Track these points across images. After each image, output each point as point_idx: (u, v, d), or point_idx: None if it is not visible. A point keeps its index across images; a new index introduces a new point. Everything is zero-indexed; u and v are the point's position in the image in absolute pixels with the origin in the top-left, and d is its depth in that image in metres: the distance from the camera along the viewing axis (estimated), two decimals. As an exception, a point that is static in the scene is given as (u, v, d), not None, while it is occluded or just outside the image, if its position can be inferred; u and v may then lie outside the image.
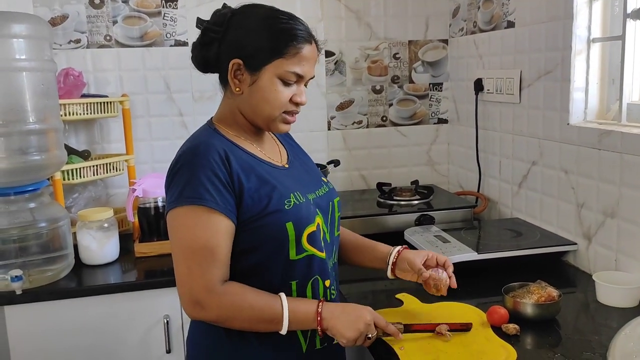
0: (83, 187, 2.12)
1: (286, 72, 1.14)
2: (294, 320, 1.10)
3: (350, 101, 2.40)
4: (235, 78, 1.16)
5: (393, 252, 1.34)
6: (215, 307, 1.08)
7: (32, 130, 1.66)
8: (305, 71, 1.16)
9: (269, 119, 1.18)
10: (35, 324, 1.67)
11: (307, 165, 1.34)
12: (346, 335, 1.11)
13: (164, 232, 1.94)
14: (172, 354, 1.76)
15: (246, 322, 1.11)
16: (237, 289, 1.11)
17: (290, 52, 1.14)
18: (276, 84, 1.15)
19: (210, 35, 1.18)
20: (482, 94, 2.14)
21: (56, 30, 2.09)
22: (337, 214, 1.30)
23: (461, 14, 2.31)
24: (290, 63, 1.14)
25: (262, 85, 1.15)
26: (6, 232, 1.67)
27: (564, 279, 1.59)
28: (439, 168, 2.52)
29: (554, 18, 1.71)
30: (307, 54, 1.16)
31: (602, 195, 1.55)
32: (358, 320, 1.12)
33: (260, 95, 1.16)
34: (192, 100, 2.24)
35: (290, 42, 1.14)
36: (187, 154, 1.12)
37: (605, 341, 1.18)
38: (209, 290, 1.07)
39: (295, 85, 1.17)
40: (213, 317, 1.10)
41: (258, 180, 1.15)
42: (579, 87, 1.66)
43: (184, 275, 1.09)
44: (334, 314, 1.12)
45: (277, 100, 1.16)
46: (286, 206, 1.14)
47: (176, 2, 2.18)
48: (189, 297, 1.08)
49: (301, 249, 1.16)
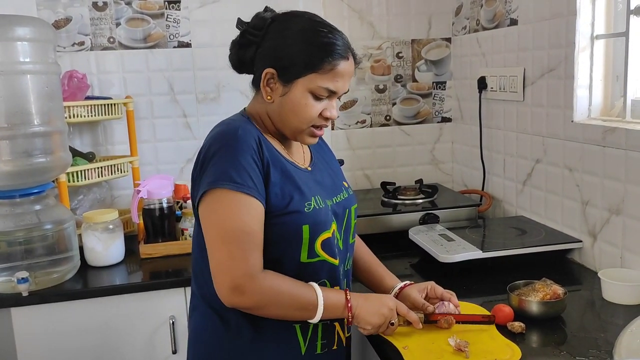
0: (88, 189, 2.13)
1: (319, 87, 1.13)
2: (327, 307, 1.12)
3: (354, 101, 2.40)
4: (268, 86, 1.16)
5: (396, 287, 1.32)
6: (257, 292, 1.07)
7: (37, 132, 1.66)
8: (338, 87, 1.15)
9: (297, 131, 1.18)
10: (41, 326, 1.67)
11: (330, 168, 1.33)
12: (371, 322, 1.14)
13: (169, 233, 1.95)
14: (178, 354, 1.76)
15: (282, 308, 1.11)
16: (275, 276, 1.10)
17: (325, 68, 1.12)
18: (307, 98, 1.14)
19: (248, 37, 1.18)
20: (485, 92, 2.14)
21: (60, 33, 2.10)
22: (353, 222, 1.30)
23: (464, 12, 2.30)
24: (323, 78, 1.13)
25: (293, 98, 1.14)
26: (12, 234, 1.68)
27: (569, 277, 1.59)
28: (443, 167, 2.52)
29: (557, 15, 1.71)
30: (342, 70, 1.15)
31: (607, 192, 1.55)
32: (382, 307, 1.16)
33: (290, 107, 1.15)
34: (195, 101, 2.24)
35: (325, 57, 1.12)
36: (226, 136, 1.11)
37: (611, 338, 1.17)
38: (252, 275, 1.06)
39: (327, 100, 1.16)
40: (252, 303, 1.08)
41: (283, 176, 1.15)
42: (582, 84, 1.65)
43: (225, 259, 1.06)
44: (359, 303, 1.15)
45: (307, 114, 1.15)
46: (306, 209, 1.14)
47: (179, 3, 2.18)
48: (230, 282, 1.06)
49: (313, 254, 1.16)
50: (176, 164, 2.25)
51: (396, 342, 1.20)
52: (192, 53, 2.21)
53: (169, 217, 1.95)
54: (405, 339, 1.21)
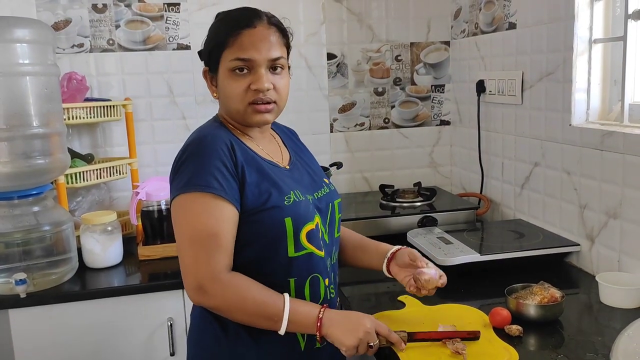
0: (86, 190, 2.13)
1: (231, 61, 1.16)
2: (293, 321, 1.10)
3: (353, 103, 2.40)
4: (211, 85, 1.22)
5: (394, 247, 1.34)
6: (219, 295, 1.09)
7: (36, 134, 1.67)
8: (251, 54, 1.14)
9: (240, 114, 1.19)
10: (39, 327, 1.67)
11: (309, 166, 1.34)
12: (345, 343, 1.09)
13: (168, 235, 1.95)
14: (176, 356, 1.76)
15: (247, 315, 1.11)
16: (242, 280, 1.11)
17: (230, 42, 1.16)
18: (230, 77, 1.17)
19: None
20: (484, 95, 2.14)
21: (59, 35, 2.10)
22: (338, 215, 1.30)
23: (463, 16, 2.31)
24: (232, 51, 1.16)
25: (221, 83, 1.19)
26: (10, 235, 1.68)
27: (567, 280, 1.59)
28: (442, 170, 2.52)
29: (555, 19, 1.71)
30: (250, 37, 1.15)
31: (604, 196, 1.55)
32: (357, 328, 1.10)
33: (223, 92, 1.19)
34: (194, 103, 2.25)
35: (228, 32, 1.16)
36: (195, 143, 1.15)
37: (608, 342, 1.17)
38: (214, 277, 1.08)
39: (252, 74, 1.16)
40: (215, 304, 1.11)
41: (259, 175, 1.16)
42: (580, 88, 1.66)
43: (190, 261, 1.09)
44: (333, 321, 1.11)
45: (235, 91, 1.17)
46: (286, 202, 1.15)
47: (178, 6, 2.19)
48: (194, 283, 1.09)
49: (300, 246, 1.16)
50: (175, 166, 2.25)
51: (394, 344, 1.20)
52: (192, 55, 2.21)
53: (167, 219, 1.95)
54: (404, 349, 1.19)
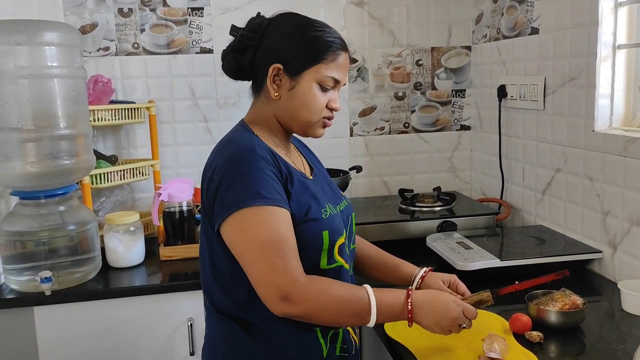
0: (110, 191, 2.17)
1: (325, 77, 1.17)
2: (382, 314, 1.10)
3: (373, 108, 2.41)
4: (274, 83, 1.18)
5: (418, 275, 1.32)
6: (304, 299, 1.05)
7: (63, 135, 1.70)
8: (341, 77, 1.20)
9: (308, 124, 1.20)
10: (63, 324, 1.71)
11: (326, 177, 1.36)
12: (437, 331, 1.12)
13: (189, 236, 1.98)
14: (195, 356, 1.78)
15: (335, 315, 1.09)
16: (321, 280, 1.10)
17: (329, 58, 1.17)
18: (315, 89, 1.17)
19: (245, 42, 1.20)
20: (505, 100, 2.14)
21: (86, 38, 2.14)
22: (354, 228, 1.32)
23: (484, 21, 2.30)
24: (329, 68, 1.17)
25: (301, 91, 1.17)
26: (37, 234, 1.72)
27: (588, 287, 1.57)
28: (462, 175, 2.52)
29: (578, 24, 1.70)
30: (343, 61, 1.20)
31: (627, 202, 1.54)
32: (446, 315, 1.11)
33: (300, 100, 1.17)
34: (216, 106, 2.27)
35: (328, 48, 1.17)
36: (242, 155, 1.11)
37: (630, 350, 1.16)
38: (295, 280, 1.05)
39: (332, 91, 1.20)
40: (302, 311, 1.06)
41: (299, 186, 1.16)
42: (604, 94, 1.64)
43: (267, 272, 1.05)
44: (422, 309, 1.11)
45: (316, 105, 1.18)
46: (323, 215, 1.16)
47: (202, 10, 2.22)
48: (276, 293, 1.04)
49: (332, 259, 1.17)
50: (196, 168, 2.26)
51: (409, 344, 1.21)
52: (214, 59, 2.24)
53: (188, 220, 1.98)
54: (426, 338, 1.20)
